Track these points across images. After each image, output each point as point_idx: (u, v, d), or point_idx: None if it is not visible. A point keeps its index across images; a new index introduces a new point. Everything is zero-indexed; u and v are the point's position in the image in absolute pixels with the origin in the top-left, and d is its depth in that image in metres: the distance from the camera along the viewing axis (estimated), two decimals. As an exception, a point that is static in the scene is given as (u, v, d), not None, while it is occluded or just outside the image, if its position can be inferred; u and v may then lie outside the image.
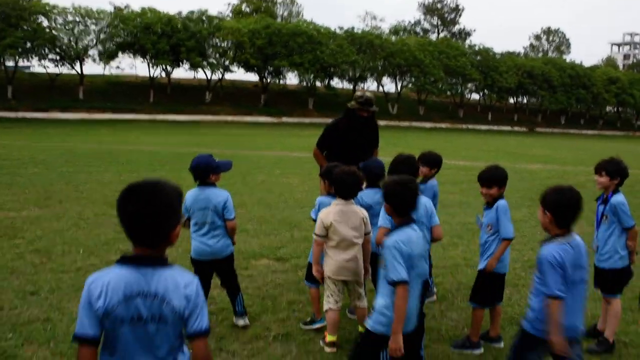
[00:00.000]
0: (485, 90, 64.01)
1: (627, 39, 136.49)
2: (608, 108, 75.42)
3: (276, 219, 8.92)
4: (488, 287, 4.35)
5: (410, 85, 59.81)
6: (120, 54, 46.50)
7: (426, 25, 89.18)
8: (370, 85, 59.51)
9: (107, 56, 45.10)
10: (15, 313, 4.75)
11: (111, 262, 3.71)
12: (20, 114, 38.22)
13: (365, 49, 53.86)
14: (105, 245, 6.95)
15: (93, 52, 45.21)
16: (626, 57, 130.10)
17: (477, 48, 63.87)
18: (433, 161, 5.32)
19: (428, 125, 55.41)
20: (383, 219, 3.97)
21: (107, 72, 48.35)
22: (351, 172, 4.17)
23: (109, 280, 2.03)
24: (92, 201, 9.84)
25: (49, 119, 38.24)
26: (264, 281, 5.81)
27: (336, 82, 56.84)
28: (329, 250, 4.19)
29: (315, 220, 4.38)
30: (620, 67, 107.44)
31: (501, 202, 4.28)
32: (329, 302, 4.25)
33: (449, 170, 16.50)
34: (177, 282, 2.07)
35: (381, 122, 47.24)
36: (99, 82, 47.90)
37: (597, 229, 4.67)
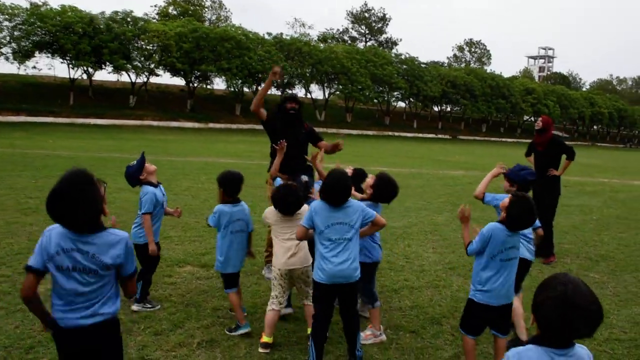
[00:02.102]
0: (411, 99, 65.79)
1: (542, 52, 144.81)
2: (525, 117, 79.45)
3: (201, 226, 8.75)
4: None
5: (337, 92, 60.53)
6: (37, 54, 44.07)
7: (354, 34, 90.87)
8: (299, 91, 59.69)
9: (22, 55, 42.64)
10: None
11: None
12: None
13: (294, 56, 54.07)
14: (18, 254, 6.52)
15: (6, 50, 42.60)
16: (541, 69, 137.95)
17: (403, 57, 65.52)
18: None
19: (355, 132, 56.25)
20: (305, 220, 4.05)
21: (22, 72, 45.77)
22: (289, 192, 4.41)
23: (56, 234, 2.62)
24: (4, 208, 9.27)
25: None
26: (187, 288, 5.69)
27: (264, 88, 56.72)
28: (276, 242, 4.47)
29: (211, 226, 4.73)
30: (536, 78, 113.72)
31: None
32: (273, 302, 4.45)
33: (375, 176, 16.82)
34: (108, 242, 2.65)
35: (309, 129, 46.92)
36: (12, 82, 45.28)
37: None
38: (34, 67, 45.45)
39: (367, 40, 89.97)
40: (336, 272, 3.91)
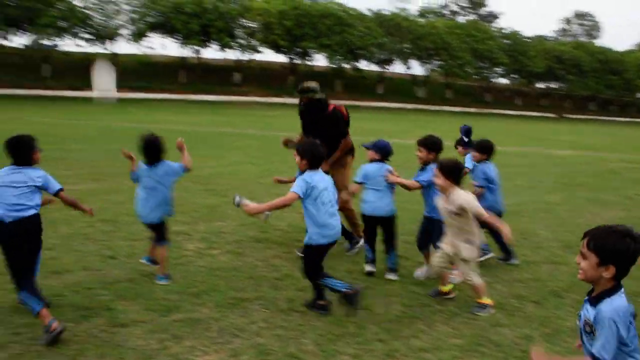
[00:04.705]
0: (513, 75, 63.24)
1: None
2: (640, 94, 73.86)
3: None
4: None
5: (438, 68, 59.36)
6: (151, 34, 46.99)
7: (454, 8, 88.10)
8: (397, 68, 59.25)
9: (139, 35, 45.62)
10: (101, 274, 5.28)
11: (174, 232, 4.18)
12: (58, 92, 39.05)
13: (393, 31, 53.62)
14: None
15: (125, 31, 45.78)
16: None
17: (505, 31, 63.02)
18: (431, 145, 5.34)
19: (456, 109, 55.06)
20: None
21: (138, 52, 48.99)
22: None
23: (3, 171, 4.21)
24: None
25: (83, 97, 39.05)
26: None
27: (364, 65, 56.76)
28: None
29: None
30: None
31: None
32: None
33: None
34: (33, 175, 4.18)
35: (408, 106, 46.06)
36: (130, 61, 48.60)
37: None
38: (150, 47, 48.54)
39: (467, 14, 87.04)
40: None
